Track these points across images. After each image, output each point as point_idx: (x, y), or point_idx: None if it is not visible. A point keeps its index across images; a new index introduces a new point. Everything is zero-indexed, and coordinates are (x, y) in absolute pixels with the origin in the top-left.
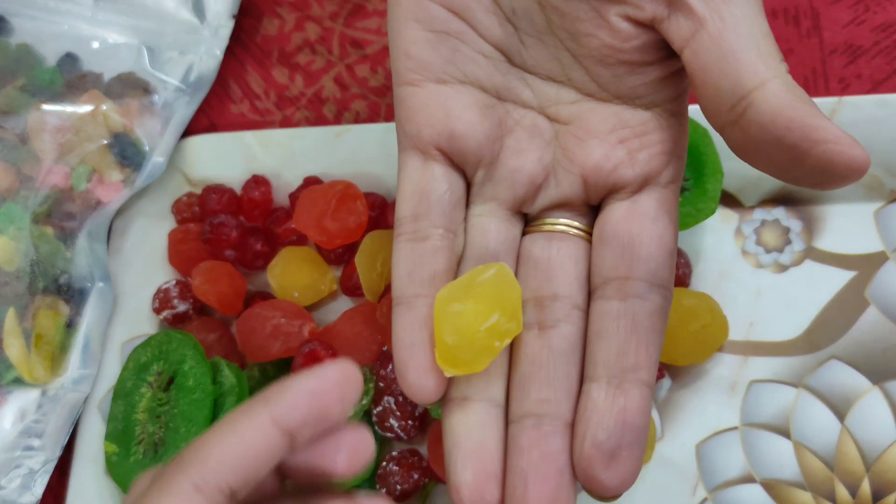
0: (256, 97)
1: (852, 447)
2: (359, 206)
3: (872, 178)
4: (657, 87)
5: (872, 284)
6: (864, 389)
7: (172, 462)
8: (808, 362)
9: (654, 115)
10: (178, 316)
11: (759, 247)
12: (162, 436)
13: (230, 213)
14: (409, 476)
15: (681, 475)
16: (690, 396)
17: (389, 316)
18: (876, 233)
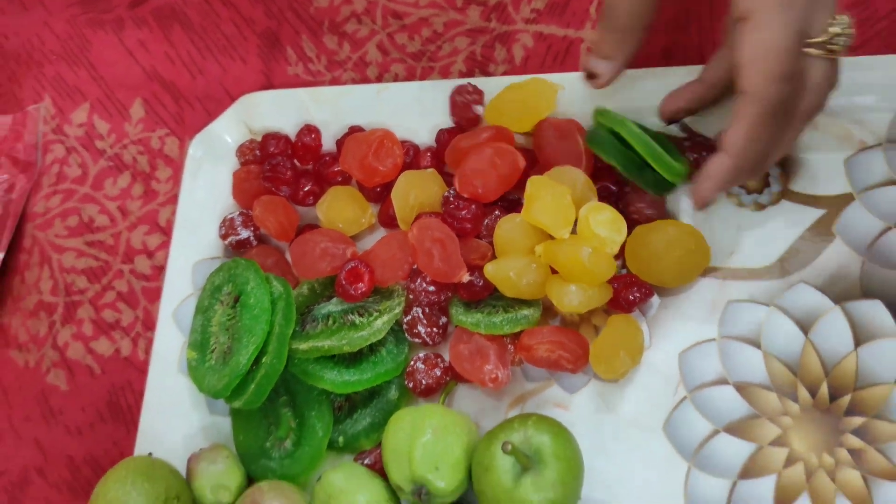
0: (309, 60)
1: (814, 356)
2: (395, 151)
3: (844, 129)
4: None
5: (839, 221)
6: (827, 308)
7: None
8: (780, 286)
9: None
10: (241, 242)
11: (741, 188)
12: (230, 345)
13: (286, 157)
14: (432, 373)
15: (665, 378)
16: (676, 313)
17: (420, 237)
18: (845, 177)
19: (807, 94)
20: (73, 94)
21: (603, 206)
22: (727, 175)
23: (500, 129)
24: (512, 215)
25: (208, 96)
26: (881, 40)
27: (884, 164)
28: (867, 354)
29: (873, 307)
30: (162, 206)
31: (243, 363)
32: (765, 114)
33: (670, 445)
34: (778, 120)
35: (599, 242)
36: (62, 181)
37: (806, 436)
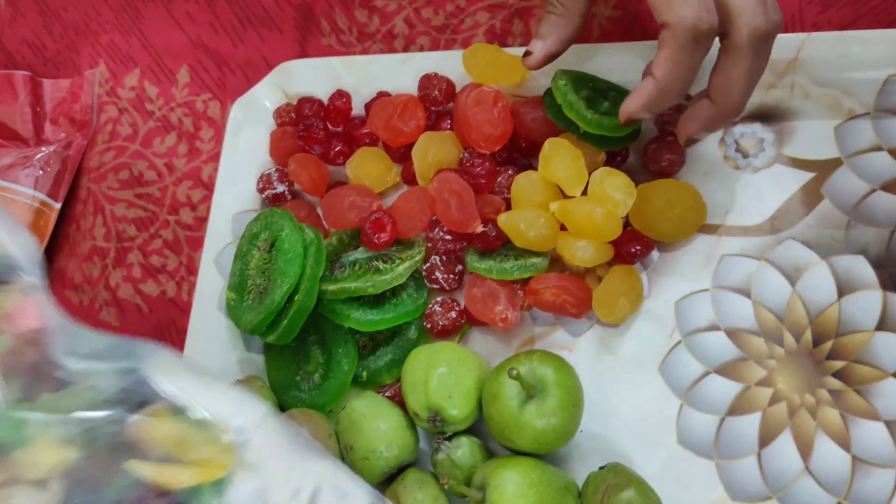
0: (341, 32)
1: (800, 305)
2: (418, 114)
3: (833, 98)
4: None
5: (828, 183)
6: (814, 262)
7: None
8: (770, 241)
9: None
10: (276, 196)
11: (738, 153)
12: (266, 286)
13: (319, 119)
14: (448, 315)
15: (662, 324)
16: (674, 265)
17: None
18: (834, 143)
19: (735, 22)
20: (126, 61)
21: (616, 171)
22: (653, 98)
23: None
24: (528, 172)
25: (248, 63)
26: (873, 16)
27: (871, 132)
28: (849, 304)
29: (856, 261)
30: (205, 164)
31: (277, 300)
32: (684, 41)
33: (665, 384)
34: (697, 46)
35: (613, 204)
36: (115, 139)
37: (790, 377)
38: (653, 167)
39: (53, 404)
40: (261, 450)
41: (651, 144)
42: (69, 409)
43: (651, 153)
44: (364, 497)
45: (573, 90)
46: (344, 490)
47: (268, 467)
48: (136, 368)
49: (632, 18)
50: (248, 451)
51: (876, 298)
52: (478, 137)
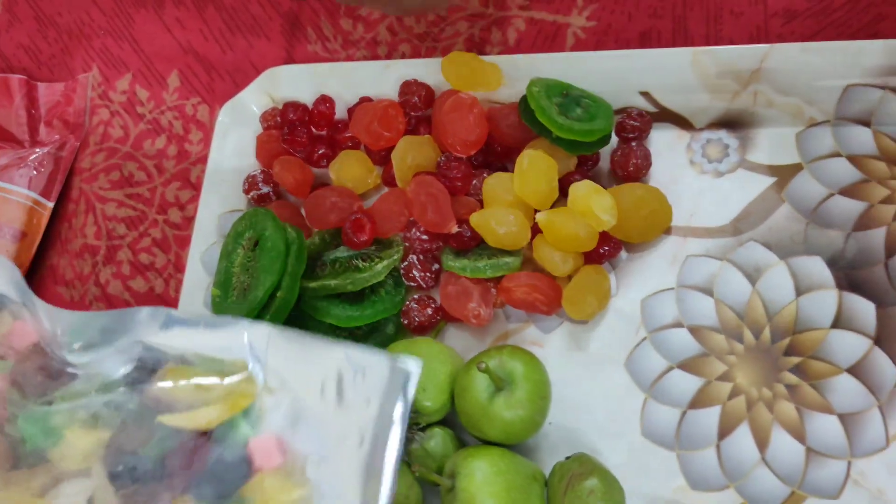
0: (327, 39)
1: (759, 304)
2: (398, 119)
3: (795, 107)
4: None
5: (788, 187)
6: (773, 263)
7: None
8: (732, 243)
9: None
10: (262, 196)
11: (703, 158)
12: (249, 283)
13: (303, 123)
14: (424, 312)
15: (628, 321)
16: (640, 265)
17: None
18: (795, 150)
19: None
20: (118, 65)
21: (603, 191)
22: None
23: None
24: (499, 173)
25: (237, 69)
26: (834, 29)
27: (830, 139)
28: (806, 303)
29: (814, 262)
30: (193, 165)
31: (260, 297)
32: None
33: (630, 379)
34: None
35: (597, 223)
36: (106, 141)
37: (748, 372)
38: (620, 172)
39: (70, 396)
40: (277, 367)
41: (617, 151)
42: (86, 394)
43: (618, 158)
44: (381, 362)
45: (546, 96)
46: (361, 365)
47: (289, 379)
48: (137, 340)
49: (605, 28)
50: (266, 373)
51: (832, 298)
52: (454, 142)
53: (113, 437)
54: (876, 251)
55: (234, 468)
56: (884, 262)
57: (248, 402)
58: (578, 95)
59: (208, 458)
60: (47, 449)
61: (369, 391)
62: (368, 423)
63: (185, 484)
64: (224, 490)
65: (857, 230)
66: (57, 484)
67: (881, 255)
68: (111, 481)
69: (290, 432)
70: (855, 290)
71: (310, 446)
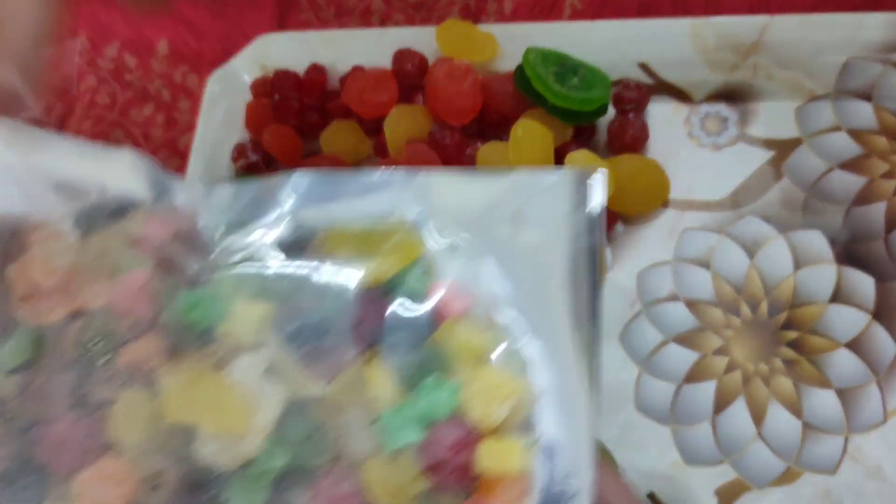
0: (319, 8)
1: (757, 278)
2: (391, 87)
3: (795, 80)
4: None
5: (788, 161)
6: (772, 237)
7: None
8: (731, 216)
9: None
10: (250, 165)
11: (702, 131)
12: None
13: (294, 92)
14: None
15: (623, 294)
16: (637, 237)
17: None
18: (795, 124)
19: None
20: (106, 32)
21: (600, 161)
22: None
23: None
24: (493, 142)
25: (227, 37)
26: (835, 1)
27: (830, 113)
28: (804, 277)
29: (813, 236)
30: (181, 134)
31: None
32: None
33: (624, 352)
34: None
35: None
36: (94, 108)
37: (745, 347)
38: (617, 143)
39: (225, 275)
40: (444, 211)
41: (614, 122)
42: (243, 270)
43: (615, 130)
44: (559, 181)
45: (543, 65)
46: (538, 189)
47: (460, 221)
48: (284, 213)
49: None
50: (434, 219)
51: (831, 272)
52: (448, 110)
53: (281, 305)
54: (876, 226)
55: (418, 318)
56: (884, 236)
57: (418, 252)
58: (575, 65)
59: (388, 312)
60: (214, 328)
61: (552, 218)
62: (555, 251)
63: (370, 339)
64: (412, 340)
65: (856, 205)
66: (232, 359)
67: (881, 229)
68: (288, 345)
69: (469, 275)
70: (854, 264)
71: (495, 287)
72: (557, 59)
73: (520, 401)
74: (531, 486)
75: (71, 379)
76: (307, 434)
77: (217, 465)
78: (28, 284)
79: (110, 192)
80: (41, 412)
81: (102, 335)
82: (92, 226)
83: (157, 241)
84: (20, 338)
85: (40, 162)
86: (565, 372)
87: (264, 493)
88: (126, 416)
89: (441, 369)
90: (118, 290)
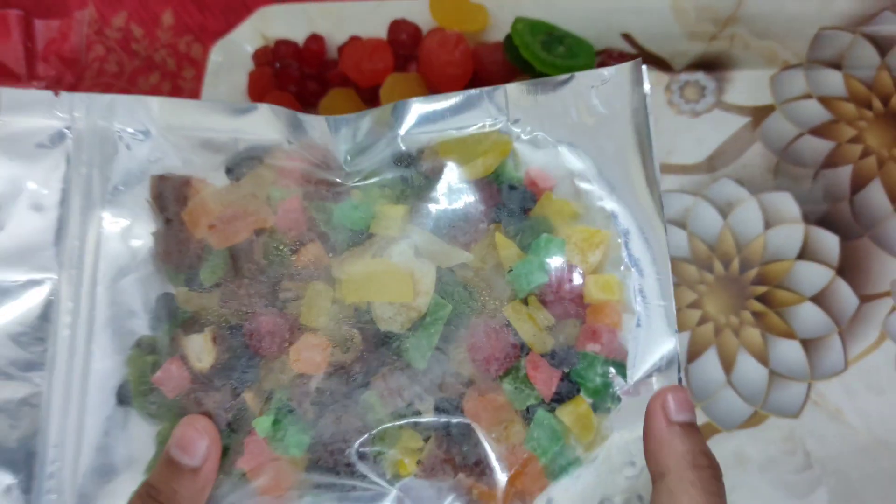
0: None
1: (729, 237)
2: (387, 56)
3: (770, 50)
4: None
5: (762, 127)
6: (745, 198)
7: None
8: (707, 179)
9: None
10: None
11: (681, 99)
12: None
13: (294, 61)
14: None
15: None
16: None
17: None
18: (769, 91)
19: None
20: (114, 3)
21: None
22: None
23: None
24: None
25: (229, 8)
26: None
27: (803, 81)
28: (774, 236)
29: (783, 198)
30: None
31: None
32: None
33: None
34: None
35: None
36: (102, 76)
37: (717, 301)
38: None
39: (362, 185)
40: (524, 114)
41: None
42: (374, 183)
43: None
44: (617, 71)
45: (530, 34)
46: (600, 80)
47: (539, 119)
48: (396, 135)
49: None
50: (516, 120)
51: (798, 231)
52: (441, 77)
53: (415, 203)
54: (842, 188)
55: (521, 194)
56: (849, 197)
57: (509, 148)
58: (562, 35)
59: (498, 193)
60: (368, 226)
61: (616, 100)
62: (622, 125)
63: (490, 216)
64: (521, 212)
65: (825, 168)
66: (387, 248)
67: (847, 191)
68: (429, 231)
69: (552, 159)
70: (821, 224)
71: (575, 164)
72: (545, 29)
73: (610, 244)
74: (629, 306)
75: (265, 283)
76: (460, 290)
77: (394, 325)
78: (210, 218)
79: (251, 140)
80: (246, 312)
81: (280, 246)
82: (243, 171)
83: (301, 172)
84: (215, 258)
85: (186, 125)
86: (643, 218)
87: (436, 336)
88: (313, 305)
89: (547, 230)
90: (279, 214)
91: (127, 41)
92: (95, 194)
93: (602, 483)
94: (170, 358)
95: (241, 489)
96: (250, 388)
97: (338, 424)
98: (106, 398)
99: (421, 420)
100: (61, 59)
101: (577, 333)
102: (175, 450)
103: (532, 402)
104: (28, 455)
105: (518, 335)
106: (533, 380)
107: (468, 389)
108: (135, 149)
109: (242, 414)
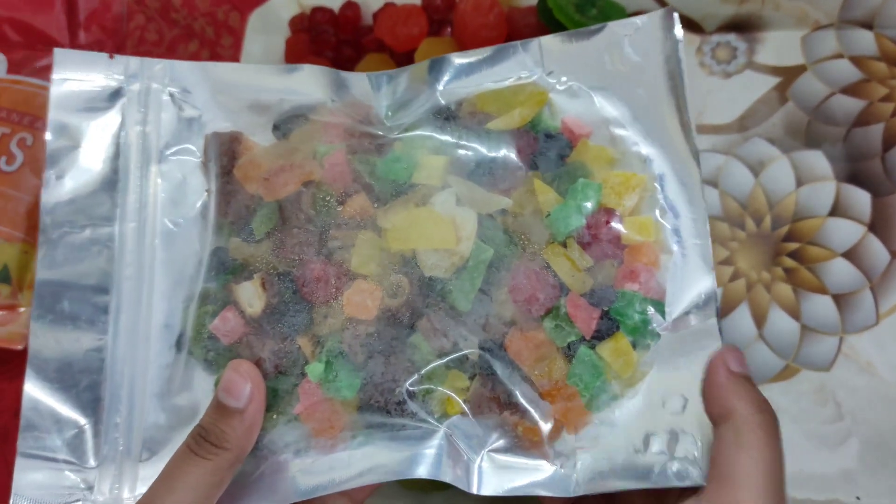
0: None
1: (761, 195)
2: (421, 21)
3: (800, 11)
4: None
5: (793, 87)
6: (776, 157)
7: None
8: (738, 139)
9: None
10: None
11: (713, 60)
12: None
13: (330, 27)
14: None
15: None
16: None
17: None
18: (801, 52)
19: None
20: None
21: None
22: None
23: None
24: None
25: None
26: None
27: (834, 41)
28: (805, 193)
29: (814, 156)
30: None
31: None
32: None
33: None
34: None
35: None
36: (142, 44)
37: (749, 257)
38: None
39: (404, 138)
40: (558, 65)
41: None
42: (416, 135)
43: None
44: (648, 19)
45: None
46: (630, 29)
47: (573, 70)
48: (434, 90)
49: None
50: (551, 72)
51: (830, 188)
52: (475, 41)
53: (456, 153)
54: (874, 145)
55: (558, 142)
56: (881, 154)
57: (545, 99)
58: None
59: (535, 142)
60: (411, 176)
61: (649, 47)
62: (656, 71)
63: (528, 163)
64: (558, 159)
65: (856, 126)
66: (429, 197)
67: (878, 148)
68: (470, 179)
69: (588, 106)
70: (852, 181)
71: (610, 111)
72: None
73: (646, 187)
74: (666, 246)
75: (313, 232)
76: (500, 235)
77: (438, 271)
78: (260, 171)
79: (296, 101)
80: (295, 260)
81: (327, 197)
82: (290, 127)
83: (345, 127)
84: (266, 209)
85: (235, 87)
86: (678, 161)
87: (479, 279)
88: (363, 253)
89: (584, 175)
90: (326, 168)
91: (166, 10)
92: (151, 151)
93: (645, 418)
94: (225, 307)
95: (295, 431)
96: (303, 334)
97: (387, 365)
98: (167, 348)
99: (466, 358)
100: (102, 28)
101: (616, 273)
102: (221, 393)
103: (573, 339)
104: (96, 400)
105: (557, 276)
106: (573, 318)
107: (511, 329)
108: (186, 110)
109: (294, 359)
